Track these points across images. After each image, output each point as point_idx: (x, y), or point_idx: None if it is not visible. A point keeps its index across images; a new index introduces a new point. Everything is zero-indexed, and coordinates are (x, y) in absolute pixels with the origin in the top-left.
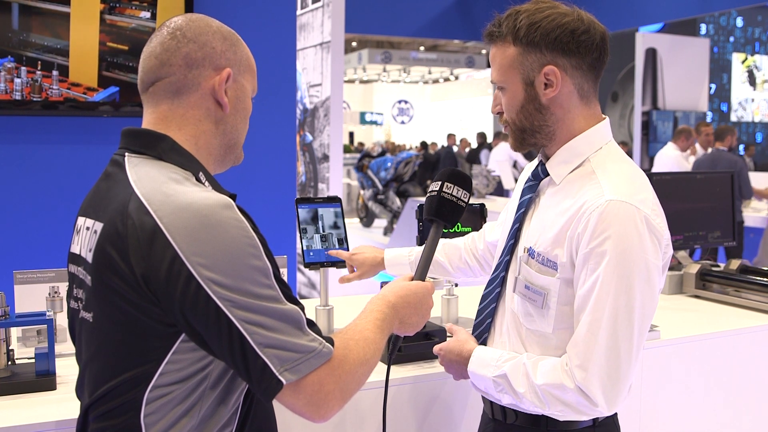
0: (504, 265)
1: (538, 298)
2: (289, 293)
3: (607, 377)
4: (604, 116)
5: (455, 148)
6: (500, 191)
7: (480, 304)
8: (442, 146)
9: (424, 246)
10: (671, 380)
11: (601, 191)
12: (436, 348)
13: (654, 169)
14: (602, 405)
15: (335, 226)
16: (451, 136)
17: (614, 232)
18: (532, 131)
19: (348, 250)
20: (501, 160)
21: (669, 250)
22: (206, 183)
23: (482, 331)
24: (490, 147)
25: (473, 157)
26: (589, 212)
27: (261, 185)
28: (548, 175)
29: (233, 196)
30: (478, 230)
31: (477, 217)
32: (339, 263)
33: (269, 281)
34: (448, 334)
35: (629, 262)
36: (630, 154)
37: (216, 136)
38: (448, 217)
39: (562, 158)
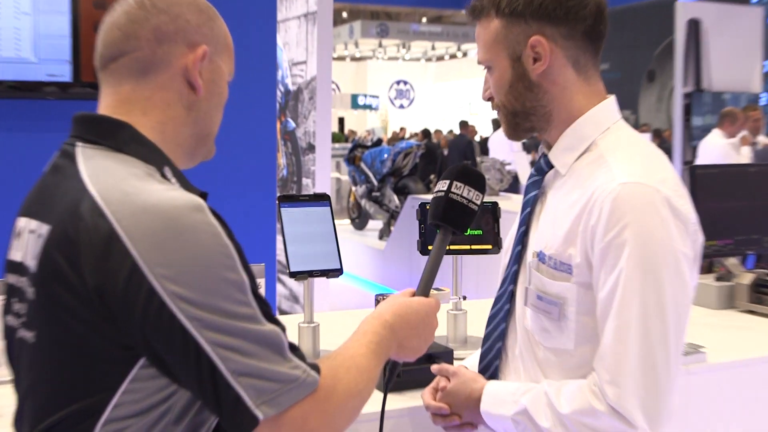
0: (512, 277)
1: (553, 309)
2: (269, 311)
3: (644, 391)
4: (608, 95)
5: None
6: (516, 187)
7: (487, 327)
8: (451, 133)
9: (428, 256)
10: (720, 412)
11: (612, 175)
12: (434, 405)
13: (698, 161)
14: (642, 426)
15: (324, 230)
16: (465, 125)
17: (632, 218)
18: (525, 114)
19: (339, 256)
20: (502, 149)
21: (698, 237)
22: (173, 180)
23: (491, 358)
24: None
25: (485, 147)
26: (601, 200)
27: (235, 181)
28: (552, 166)
29: (204, 196)
30: (488, 233)
31: (489, 219)
32: (331, 272)
33: (245, 297)
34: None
35: (654, 252)
36: (667, 145)
37: (186, 124)
38: (458, 221)
39: (566, 144)
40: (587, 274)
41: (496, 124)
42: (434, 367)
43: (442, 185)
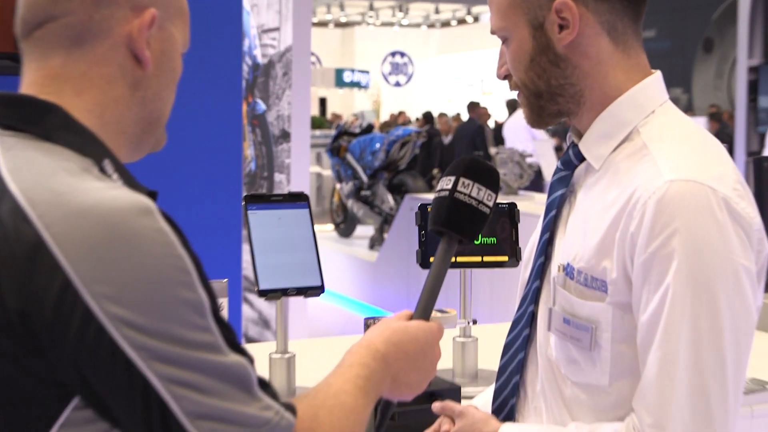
0: (532, 296)
1: (583, 335)
2: (233, 339)
3: None
4: (653, 70)
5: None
6: (539, 184)
7: (502, 358)
8: (458, 118)
9: (429, 270)
10: None
11: (657, 170)
12: None
13: (766, 152)
14: None
15: (301, 237)
16: (475, 107)
17: (682, 224)
18: (550, 94)
19: (320, 270)
20: (522, 137)
21: (764, 246)
22: (114, 176)
23: (507, 396)
24: None
25: (499, 134)
26: (644, 201)
27: (191, 178)
28: (584, 159)
29: (153, 195)
30: (504, 242)
31: (505, 223)
32: (310, 290)
33: (204, 321)
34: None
35: (708, 266)
36: (728, 132)
37: (131, 106)
38: (465, 227)
39: (600, 131)
40: (626, 293)
41: (511, 107)
42: (436, 406)
43: (446, 182)
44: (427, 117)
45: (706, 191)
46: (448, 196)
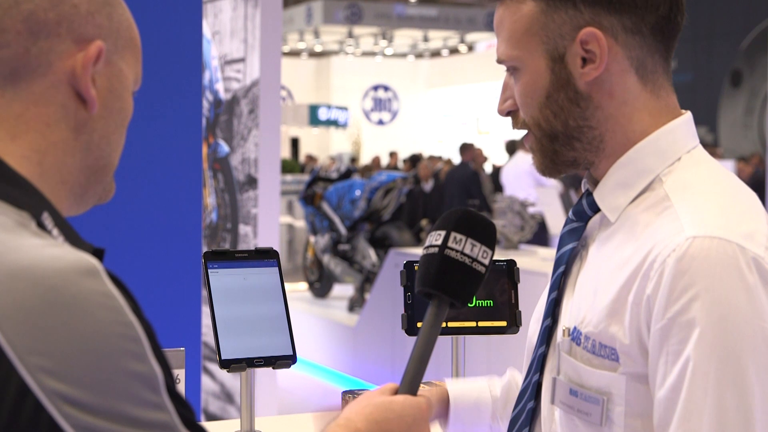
0: (538, 364)
1: (593, 408)
2: (190, 416)
3: None
4: (683, 111)
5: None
6: (543, 237)
7: None
8: (449, 161)
9: (417, 337)
10: None
11: (679, 225)
12: None
13: None
14: None
15: (270, 299)
16: (467, 149)
17: (705, 286)
18: (567, 137)
19: (292, 337)
20: (523, 183)
21: None
22: (54, 231)
23: None
24: None
25: (498, 180)
26: (662, 260)
27: (143, 232)
28: (598, 210)
29: (99, 253)
30: (503, 304)
31: (503, 283)
32: (279, 360)
33: (157, 397)
34: None
35: (735, 335)
36: (759, 177)
37: (74, 152)
38: (458, 289)
39: (618, 179)
40: (641, 363)
41: (510, 149)
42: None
43: (436, 237)
44: (414, 160)
45: (734, 249)
46: (437, 253)
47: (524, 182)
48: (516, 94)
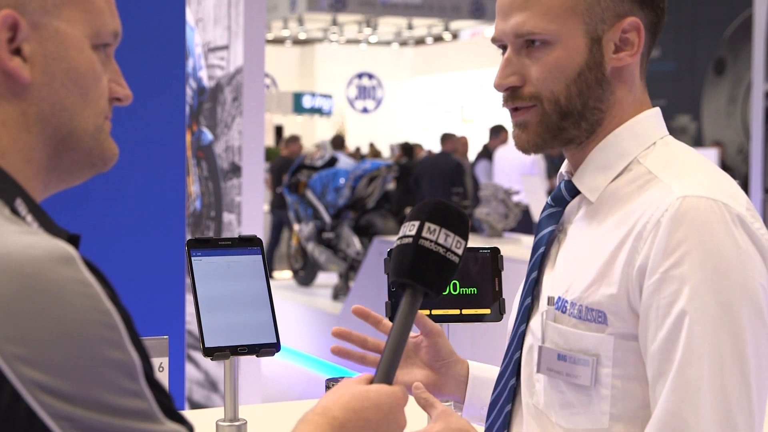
0: (519, 341)
1: (582, 370)
2: (170, 405)
3: None
4: (654, 106)
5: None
6: (528, 225)
7: (487, 418)
8: (429, 152)
9: (392, 327)
10: None
11: (668, 188)
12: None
13: None
14: None
15: (254, 287)
16: (448, 139)
17: (698, 240)
18: (579, 116)
19: (276, 325)
20: (516, 171)
21: None
22: (28, 218)
23: None
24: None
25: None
26: (656, 220)
27: (124, 218)
28: (577, 194)
29: (75, 240)
30: (486, 292)
31: (487, 271)
32: (263, 347)
33: (135, 385)
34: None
35: (727, 285)
36: (738, 167)
37: (29, 127)
38: (432, 278)
39: (599, 162)
40: (631, 323)
41: (495, 133)
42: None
43: (409, 228)
44: (406, 148)
45: (720, 207)
46: (411, 243)
47: (510, 173)
48: (538, 68)
